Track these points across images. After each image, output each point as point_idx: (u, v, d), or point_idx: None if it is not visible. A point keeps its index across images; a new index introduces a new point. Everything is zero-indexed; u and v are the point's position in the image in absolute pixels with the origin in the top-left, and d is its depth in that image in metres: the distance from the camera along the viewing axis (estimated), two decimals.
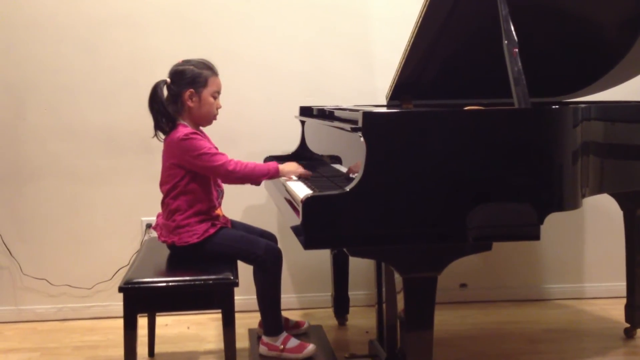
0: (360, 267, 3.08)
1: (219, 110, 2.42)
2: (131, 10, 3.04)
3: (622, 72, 2.66)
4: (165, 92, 2.33)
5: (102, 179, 3.10)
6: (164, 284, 2.12)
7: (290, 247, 2.63)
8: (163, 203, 2.37)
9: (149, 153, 3.04)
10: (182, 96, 2.33)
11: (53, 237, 3.10)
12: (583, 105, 2.09)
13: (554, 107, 1.97)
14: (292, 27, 3.13)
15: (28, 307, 3.12)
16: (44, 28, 3.01)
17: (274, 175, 2.34)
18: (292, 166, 2.38)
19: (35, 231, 3.09)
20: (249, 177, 2.30)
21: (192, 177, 2.30)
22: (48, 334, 2.97)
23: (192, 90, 2.32)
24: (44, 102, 3.05)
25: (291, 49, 3.14)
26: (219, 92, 2.39)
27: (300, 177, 2.37)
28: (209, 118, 2.40)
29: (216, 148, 2.36)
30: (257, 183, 2.36)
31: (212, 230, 2.30)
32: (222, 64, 2.41)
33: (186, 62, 2.36)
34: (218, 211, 2.41)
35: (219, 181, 2.45)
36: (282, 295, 2.46)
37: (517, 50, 2.03)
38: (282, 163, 2.82)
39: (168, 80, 2.34)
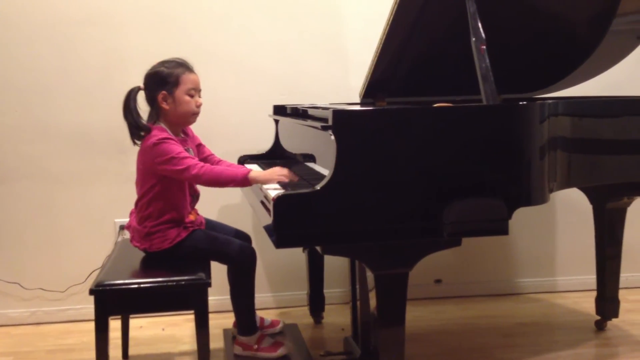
0: (336, 265, 3.09)
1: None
2: (106, 9, 3.01)
3: (592, 67, 2.69)
4: (140, 98, 2.30)
5: (75, 181, 3.07)
6: (136, 286, 2.10)
7: (265, 246, 2.63)
8: (137, 204, 2.35)
9: (122, 154, 3.02)
10: (157, 99, 2.28)
11: (25, 239, 3.07)
12: (550, 101, 2.11)
13: (521, 103, 1.99)
14: (267, 25, 3.12)
15: (0, 312, 3.08)
16: (16, 26, 2.97)
17: (242, 182, 2.16)
18: (270, 174, 2.15)
19: (7, 234, 3.06)
20: (215, 182, 2.17)
21: (166, 186, 2.26)
22: (21, 338, 2.94)
23: (164, 92, 2.27)
24: (16, 102, 3.01)
25: (266, 48, 3.13)
26: (196, 89, 2.32)
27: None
28: (188, 117, 2.34)
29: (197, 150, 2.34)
30: (226, 187, 2.22)
31: (184, 234, 2.29)
32: (196, 63, 2.39)
33: (159, 64, 2.31)
34: (191, 216, 2.39)
35: (195, 186, 2.42)
36: (258, 295, 2.46)
37: (484, 47, 2.05)
38: (256, 162, 2.85)
39: (141, 86, 2.31)
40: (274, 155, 2.93)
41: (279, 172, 2.17)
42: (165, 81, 2.28)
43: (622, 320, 2.92)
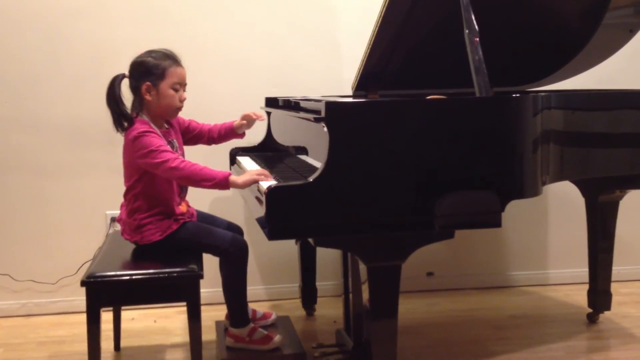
0: (328, 258, 3.09)
1: (186, 102, 2.35)
2: (97, 0, 2.99)
3: (584, 60, 2.70)
4: (124, 86, 2.27)
5: (66, 172, 3.05)
6: (128, 277, 2.09)
7: (257, 238, 2.62)
8: (125, 197, 2.34)
9: (113, 146, 2.99)
10: (140, 90, 2.25)
11: (16, 231, 3.05)
12: (543, 94, 2.11)
13: (514, 95, 1.99)
14: (260, 17, 3.11)
15: None
16: (5, 16, 2.94)
17: (221, 183, 2.09)
18: (247, 177, 2.10)
19: None
20: (191, 178, 2.12)
21: (151, 178, 2.23)
22: (12, 329, 2.92)
23: (148, 83, 2.24)
24: (6, 94, 2.99)
25: (258, 40, 3.12)
26: (181, 84, 2.29)
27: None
28: (170, 111, 2.32)
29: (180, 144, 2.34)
30: (203, 187, 2.13)
31: (175, 226, 2.27)
32: (188, 55, 2.38)
33: (146, 53, 2.28)
34: (182, 207, 2.38)
35: None
36: (250, 287, 2.46)
37: (477, 39, 2.05)
38: (248, 155, 2.84)
39: (126, 74, 2.28)
40: (266, 148, 2.92)
41: (255, 172, 2.13)
42: (151, 72, 2.24)
43: (614, 313, 2.93)
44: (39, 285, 3.08)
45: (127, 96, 2.31)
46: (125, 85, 2.30)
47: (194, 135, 2.54)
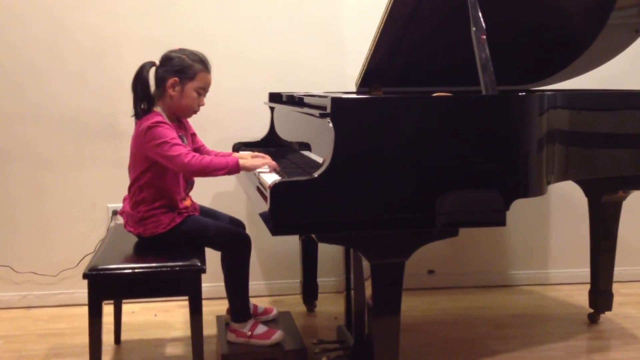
0: (330, 254, 3.08)
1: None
2: None
3: (589, 60, 2.69)
4: (152, 74, 2.28)
5: (68, 165, 3.05)
6: (130, 271, 2.09)
7: (259, 233, 2.63)
8: (130, 189, 2.33)
9: (115, 138, 3.00)
10: (166, 82, 2.27)
11: (17, 223, 3.05)
12: (549, 93, 2.11)
13: (520, 94, 1.98)
14: (264, 12, 3.10)
15: None
16: (8, 9, 2.94)
17: (233, 169, 2.17)
18: (256, 161, 2.23)
19: None
20: (205, 170, 2.16)
21: (158, 170, 2.24)
22: (12, 321, 2.92)
23: (176, 79, 2.26)
24: (9, 85, 2.98)
25: (262, 35, 3.11)
26: (205, 89, 2.33)
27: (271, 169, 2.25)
28: (187, 112, 2.35)
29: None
30: (216, 175, 2.21)
31: (178, 220, 2.27)
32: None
33: (181, 50, 2.31)
34: (186, 202, 2.37)
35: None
36: (251, 282, 2.46)
37: (484, 37, 2.04)
38: (250, 150, 2.83)
39: (157, 62, 2.29)
40: (269, 143, 2.91)
41: (262, 158, 2.22)
42: (182, 70, 2.27)
43: (615, 314, 2.93)
44: (40, 277, 3.08)
45: None
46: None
47: (192, 149, 2.54)
